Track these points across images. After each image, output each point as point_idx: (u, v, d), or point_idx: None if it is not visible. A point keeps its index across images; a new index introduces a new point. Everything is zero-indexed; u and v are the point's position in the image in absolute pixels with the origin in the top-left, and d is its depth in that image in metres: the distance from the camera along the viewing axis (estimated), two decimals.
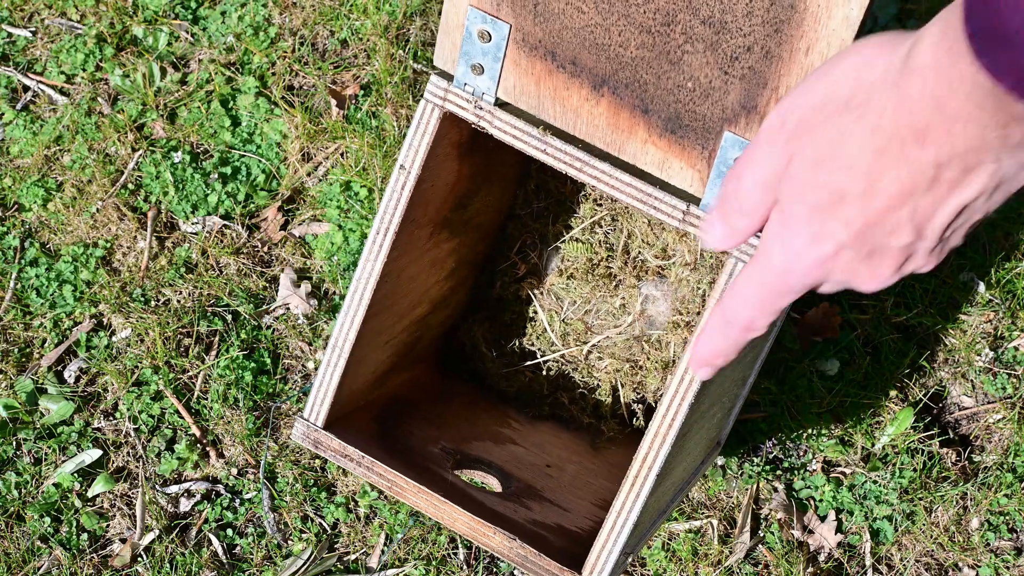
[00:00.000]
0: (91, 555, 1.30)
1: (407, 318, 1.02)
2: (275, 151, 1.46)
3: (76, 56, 1.52)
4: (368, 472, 0.92)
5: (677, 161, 0.84)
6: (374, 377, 1.01)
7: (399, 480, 0.91)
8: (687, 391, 0.83)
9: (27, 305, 1.41)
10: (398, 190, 0.88)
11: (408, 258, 0.94)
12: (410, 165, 0.87)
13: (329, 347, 0.92)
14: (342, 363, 0.92)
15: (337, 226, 1.42)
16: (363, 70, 1.48)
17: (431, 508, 0.91)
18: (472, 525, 0.90)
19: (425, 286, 1.03)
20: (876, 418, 1.32)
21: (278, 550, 1.30)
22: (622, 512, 0.87)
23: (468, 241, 1.07)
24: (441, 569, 1.28)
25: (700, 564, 1.28)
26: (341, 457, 0.93)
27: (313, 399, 0.93)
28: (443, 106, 0.86)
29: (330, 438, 0.93)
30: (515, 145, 0.85)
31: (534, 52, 0.84)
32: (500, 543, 0.90)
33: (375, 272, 0.89)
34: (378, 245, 0.89)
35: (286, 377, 1.37)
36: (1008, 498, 1.29)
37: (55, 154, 1.48)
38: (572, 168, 0.84)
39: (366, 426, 0.99)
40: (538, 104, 0.86)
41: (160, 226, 1.44)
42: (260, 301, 1.40)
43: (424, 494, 0.91)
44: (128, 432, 1.35)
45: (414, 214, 0.90)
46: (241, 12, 1.52)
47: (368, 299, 0.90)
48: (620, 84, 0.83)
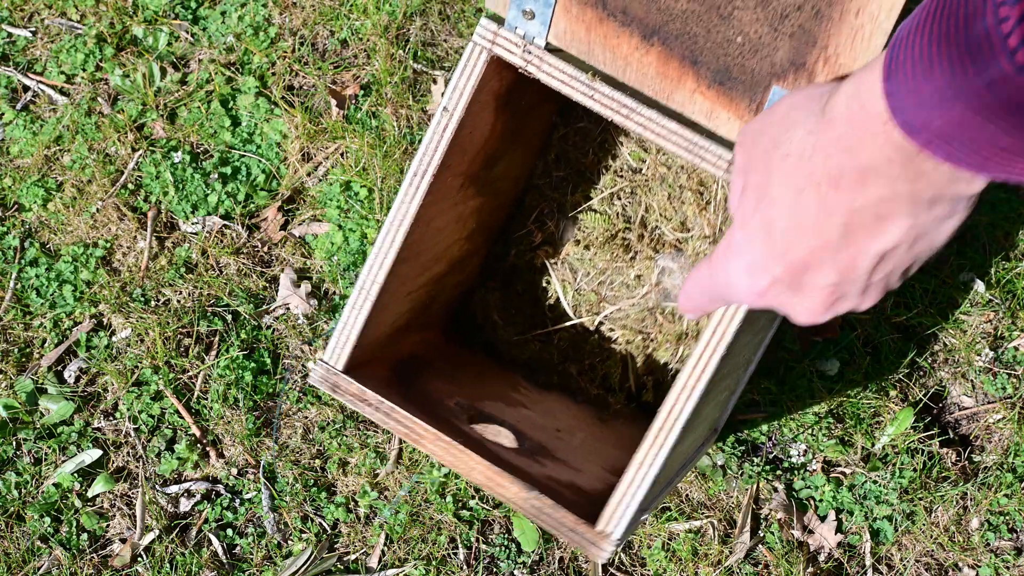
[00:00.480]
0: (91, 555, 1.30)
1: (428, 273, 1.01)
2: (275, 151, 1.46)
3: (76, 56, 1.52)
4: (386, 418, 0.91)
5: (724, 112, 0.84)
6: (392, 330, 1.00)
7: (417, 427, 0.90)
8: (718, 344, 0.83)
9: (27, 305, 1.41)
10: (439, 132, 0.87)
11: (438, 208, 0.93)
12: (453, 107, 0.86)
13: (356, 289, 0.90)
14: (368, 305, 0.90)
15: (337, 226, 1.42)
16: (363, 70, 1.48)
17: (448, 456, 0.90)
18: (488, 475, 0.89)
19: (448, 242, 1.02)
20: (876, 418, 1.32)
21: (278, 550, 1.30)
22: (643, 466, 0.85)
23: (489, 204, 1.07)
24: (441, 569, 1.28)
25: (700, 564, 1.28)
26: (359, 402, 0.91)
27: (335, 342, 0.92)
28: (491, 49, 0.85)
29: (349, 382, 0.91)
30: (562, 90, 0.85)
31: (585, 0, 0.84)
32: (516, 493, 0.89)
33: (410, 214, 0.88)
34: (415, 187, 0.88)
35: (286, 377, 1.37)
36: (1008, 498, 1.29)
37: (55, 154, 1.48)
38: (619, 115, 0.84)
39: (383, 376, 0.97)
40: (588, 51, 0.85)
41: (160, 226, 1.44)
42: (260, 301, 1.40)
43: (442, 441, 0.90)
44: (128, 432, 1.35)
45: (451, 160, 0.89)
46: (241, 12, 1.52)
47: (400, 242, 0.89)
48: (670, 35, 0.83)
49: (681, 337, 1.13)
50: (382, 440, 1.34)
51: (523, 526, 1.28)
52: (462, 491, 1.30)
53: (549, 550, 1.29)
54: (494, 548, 1.29)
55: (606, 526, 0.87)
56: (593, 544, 0.87)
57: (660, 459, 0.85)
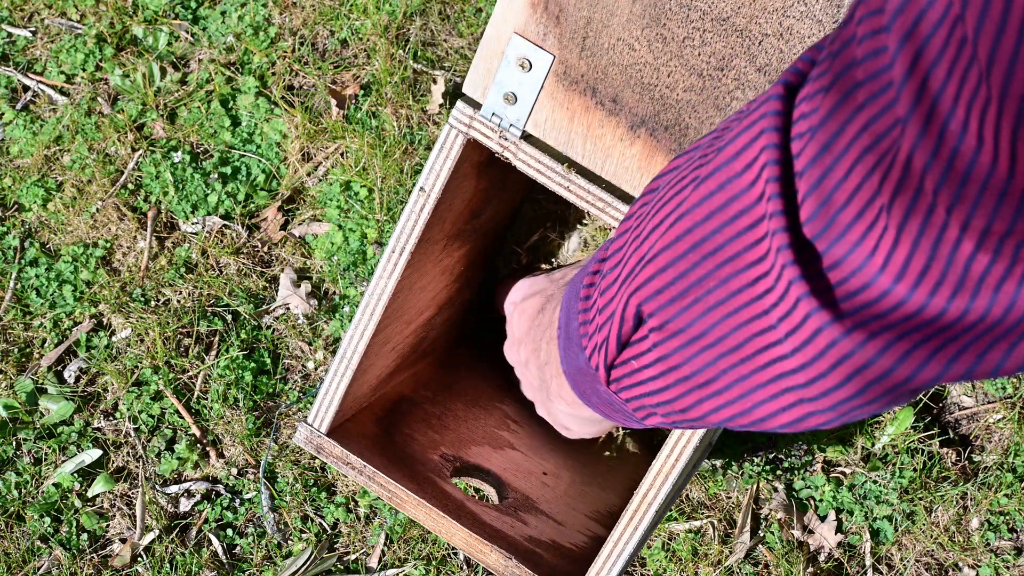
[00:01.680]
0: (91, 555, 1.30)
1: (414, 323, 1.03)
2: (275, 151, 1.46)
3: (76, 56, 1.52)
4: (369, 481, 0.93)
5: None
6: (378, 381, 1.01)
7: (399, 492, 0.93)
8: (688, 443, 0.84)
9: (27, 305, 1.41)
10: (416, 211, 0.87)
11: (420, 272, 0.94)
12: (430, 188, 0.87)
13: (337, 358, 0.92)
14: (349, 374, 0.93)
15: (337, 226, 1.42)
16: (363, 70, 1.48)
17: (429, 521, 0.93)
18: (469, 541, 0.92)
19: (434, 292, 1.03)
20: (876, 418, 1.32)
21: (278, 550, 1.30)
22: (619, 543, 0.87)
23: (478, 245, 1.07)
24: (441, 569, 1.28)
25: (700, 564, 1.28)
26: (343, 464, 0.94)
27: (318, 406, 0.94)
28: (468, 133, 0.85)
29: (332, 445, 0.94)
30: (537, 179, 0.85)
31: (574, 86, 0.83)
32: (496, 560, 0.91)
33: (388, 289, 0.89)
34: (392, 263, 0.89)
35: (286, 377, 1.37)
36: (1008, 498, 1.29)
37: (55, 154, 1.48)
38: (594, 208, 0.84)
39: (368, 429, 0.99)
40: (568, 140, 0.85)
41: (160, 226, 1.44)
42: (260, 301, 1.40)
43: (423, 507, 0.92)
44: (128, 432, 1.35)
45: (431, 233, 0.90)
46: (241, 12, 1.52)
47: (380, 314, 0.90)
48: (659, 126, 0.82)
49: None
50: None
51: None
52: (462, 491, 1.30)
53: None
54: None
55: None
56: None
57: (635, 539, 0.88)
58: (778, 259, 0.38)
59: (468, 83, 0.85)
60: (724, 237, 0.40)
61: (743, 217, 0.39)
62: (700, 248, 0.41)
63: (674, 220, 0.43)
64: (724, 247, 0.40)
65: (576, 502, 1.08)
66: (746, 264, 0.40)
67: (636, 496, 0.86)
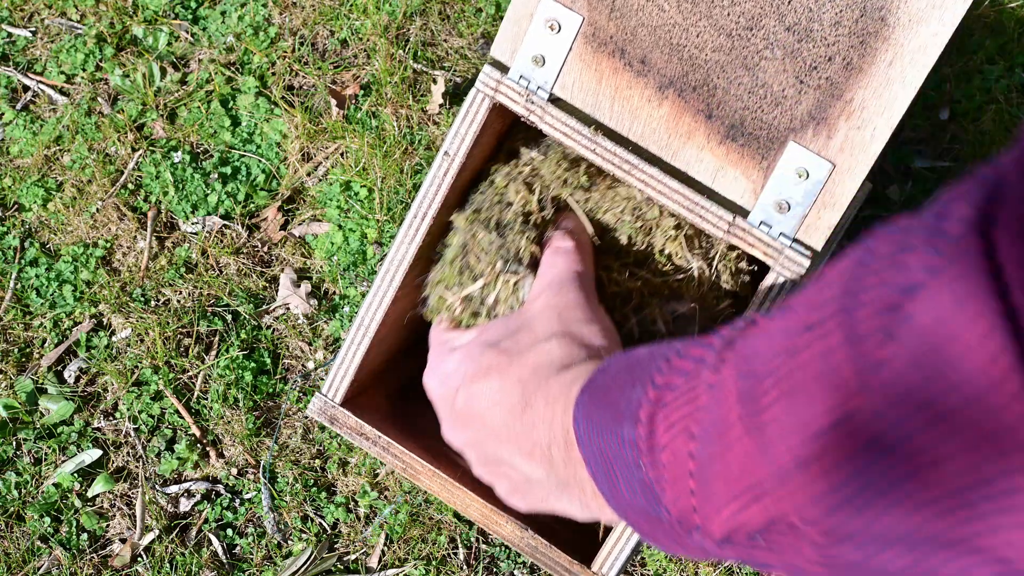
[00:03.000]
0: (91, 555, 1.30)
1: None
2: (275, 151, 1.46)
3: (76, 56, 1.52)
4: (383, 452, 0.92)
5: (732, 170, 0.83)
6: (390, 356, 1.01)
7: (414, 463, 0.91)
8: None
9: (27, 305, 1.41)
10: (440, 176, 0.87)
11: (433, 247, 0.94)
12: (455, 152, 0.87)
13: (354, 325, 0.91)
14: (366, 342, 0.92)
15: (337, 226, 1.42)
16: (363, 70, 1.48)
17: (444, 492, 0.91)
18: (484, 512, 0.90)
19: None
20: None
21: (278, 550, 1.30)
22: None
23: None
24: (441, 569, 1.28)
25: (700, 564, 1.28)
26: (357, 435, 0.93)
27: (333, 375, 0.93)
28: (494, 97, 0.85)
29: (347, 415, 0.93)
30: (564, 142, 0.85)
31: (602, 48, 0.83)
32: (511, 532, 0.90)
33: (408, 256, 0.89)
34: (414, 229, 0.89)
35: (286, 377, 1.37)
36: None
37: (55, 154, 1.48)
38: (620, 170, 0.84)
39: (380, 404, 0.99)
40: (595, 102, 0.85)
41: (160, 226, 1.44)
42: (260, 301, 1.40)
43: (439, 478, 0.91)
44: (128, 432, 1.35)
45: (451, 200, 0.90)
46: (241, 12, 1.52)
47: (399, 282, 0.90)
48: (688, 87, 0.82)
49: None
50: None
51: None
52: None
53: None
54: (494, 548, 1.29)
55: (600, 567, 0.89)
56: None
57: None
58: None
59: (496, 46, 0.85)
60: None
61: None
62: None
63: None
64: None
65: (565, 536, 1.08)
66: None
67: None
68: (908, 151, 1.35)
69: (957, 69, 1.37)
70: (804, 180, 0.80)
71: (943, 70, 1.36)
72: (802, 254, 0.81)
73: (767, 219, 0.82)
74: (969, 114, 1.35)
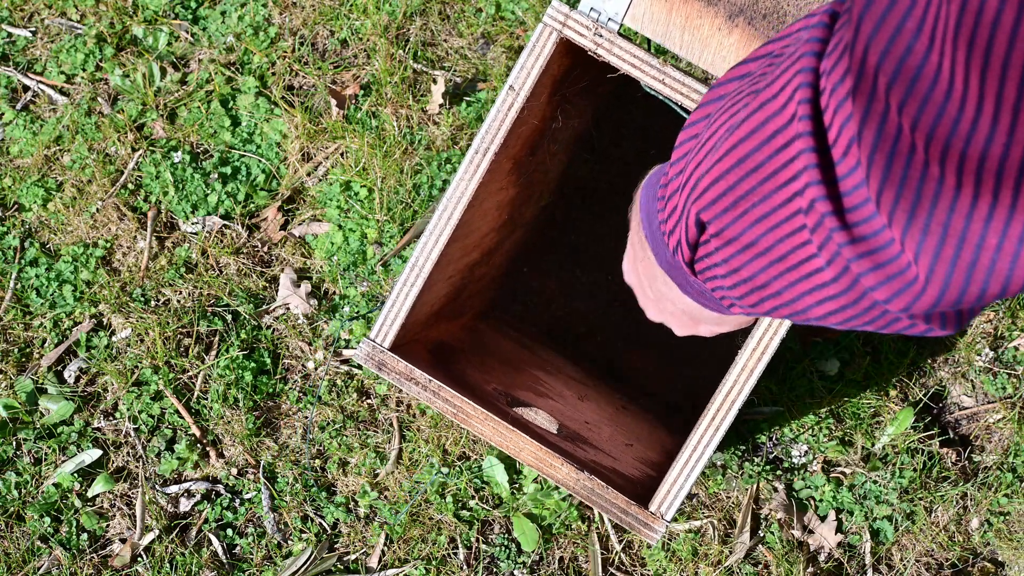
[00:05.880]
0: (91, 555, 1.30)
1: (466, 258, 1.02)
2: (275, 151, 1.46)
3: (76, 56, 1.52)
4: (434, 397, 0.91)
5: None
6: (430, 312, 1.00)
7: (466, 406, 0.90)
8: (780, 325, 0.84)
9: (27, 305, 1.41)
10: (504, 110, 0.88)
11: (489, 189, 0.94)
12: (520, 86, 0.87)
13: (408, 267, 0.90)
14: (420, 283, 0.91)
15: (337, 226, 1.42)
16: (363, 70, 1.48)
17: (497, 436, 0.91)
18: (539, 455, 0.90)
19: (486, 228, 1.03)
20: (876, 418, 1.32)
21: (278, 550, 1.30)
22: (698, 448, 0.86)
23: (521, 196, 1.07)
24: (441, 569, 1.28)
25: (700, 564, 1.28)
26: (406, 380, 0.91)
27: (383, 320, 0.92)
28: (561, 31, 0.85)
29: (396, 360, 0.91)
30: (631, 73, 0.85)
31: None
32: (567, 474, 0.90)
33: (468, 193, 0.89)
34: (475, 164, 0.89)
35: (286, 377, 1.37)
36: (1008, 498, 1.29)
37: (55, 154, 1.48)
38: (688, 99, 0.84)
39: (423, 356, 0.98)
40: (665, 32, 0.85)
41: (160, 226, 1.44)
42: (260, 301, 1.40)
43: (491, 421, 0.90)
44: (128, 432, 1.35)
45: (510, 140, 0.90)
46: (241, 12, 1.52)
47: (457, 219, 0.89)
48: (758, 14, 0.82)
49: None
50: (382, 440, 1.34)
51: (523, 526, 1.28)
52: (462, 491, 1.30)
53: (549, 550, 1.29)
54: (494, 548, 1.29)
55: (659, 507, 0.88)
56: (645, 525, 0.89)
57: (715, 442, 0.86)
58: (803, 176, 0.41)
59: None
60: (763, 155, 0.43)
61: (778, 136, 0.42)
62: (744, 164, 0.44)
63: (724, 134, 0.46)
64: (764, 164, 0.44)
65: (621, 450, 1.08)
66: (783, 181, 0.43)
67: (718, 395, 0.85)
68: None
69: None
70: None
71: None
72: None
73: None
74: None
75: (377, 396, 1.35)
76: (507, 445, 0.90)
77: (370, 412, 1.35)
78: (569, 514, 1.29)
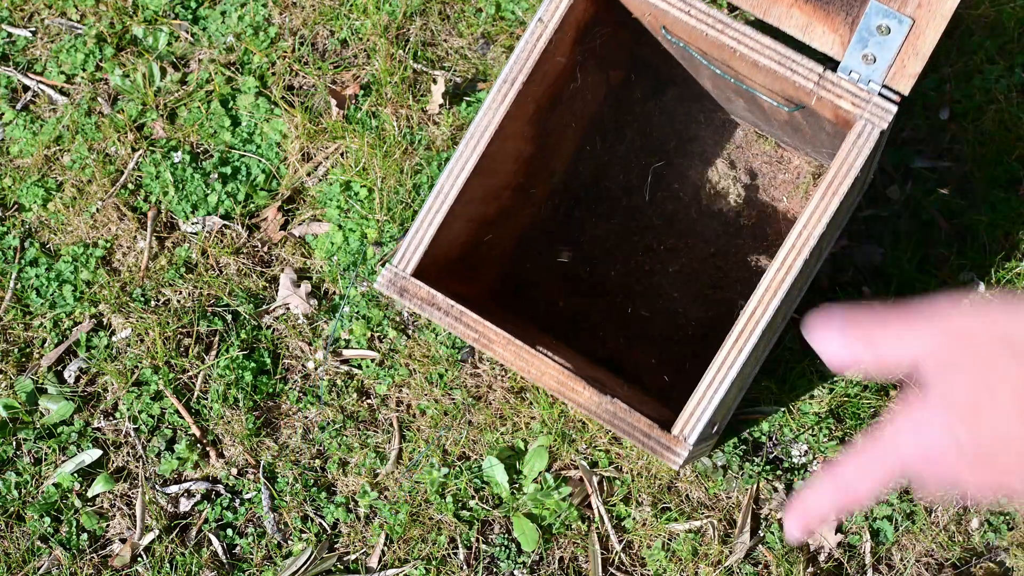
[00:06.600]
0: (91, 555, 1.30)
1: (484, 207, 1.01)
2: (275, 151, 1.46)
3: (76, 56, 1.52)
4: (455, 322, 0.90)
5: (820, 26, 0.85)
6: (446, 259, 1.00)
7: (488, 331, 0.90)
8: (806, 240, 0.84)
9: (27, 305, 1.41)
10: (532, 41, 0.89)
11: (511, 129, 0.94)
12: (548, 18, 0.88)
13: (433, 194, 0.90)
14: (444, 209, 0.90)
15: (337, 226, 1.42)
16: (363, 70, 1.48)
17: (519, 361, 0.89)
18: (561, 379, 0.89)
19: (505, 179, 1.03)
20: (876, 418, 1.32)
21: (278, 550, 1.30)
22: (723, 367, 0.85)
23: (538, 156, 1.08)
24: (441, 569, 1.28)
25: (700, 564, 1.28)
26: (428, 306, 0.91)
27: (405, 246, 0.91)
28: None
29: (418, 285, 0.91)
30: (659, 6, 0.86)
31: None
32: (588, 399, 0.88)
33: (495, 122, 0.90)
34: (503, 94, 0.90)
35: (286, 377, 1.37)
36: (1008, 498, 1.29)
37: (55, 154, 1.48)
38: (714, 29, 0.86)
39: (449, 283, 0.97)
40: None
41: (160, 226, 1.44)
42: (260, 301, 1.40)
43: (513, 346, 0.89)
44: (128, 432, 1.35)
45: (535, 76, 0.90)
46: (241, 12, 1.52)
47: (482, 149, 0.90)
48: None
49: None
50: (382, 440, 1.34)
51: (523, 526, 1.28)
52: (462, 491, 1.30)
53: (549, 550, 1.29)
54: (494, 548, 1.29)
55: (681, 430, 0.86)
56: (667, 449, 0.87)
57: (739, 363, 0.85)
58: None
59: None
60: None
61: None
62: None
63: None
64: None
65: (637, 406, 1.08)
66: None
67: (743, 316, 0.84)
68: (908, 151, 1.35)
69: (957, 69, 1.37)
70: (887, 36, 0.83)
71: (943, 70, 1.36)
72: (890, 100, 0.84)
73: (856, 68, 0.85)
74: (969, 114, 1.35)
75: (377, 396, 1.35)
76: (528, 370, 0.89)
77: (370, 412, 1.35)
78: (569, 514, 1.29)
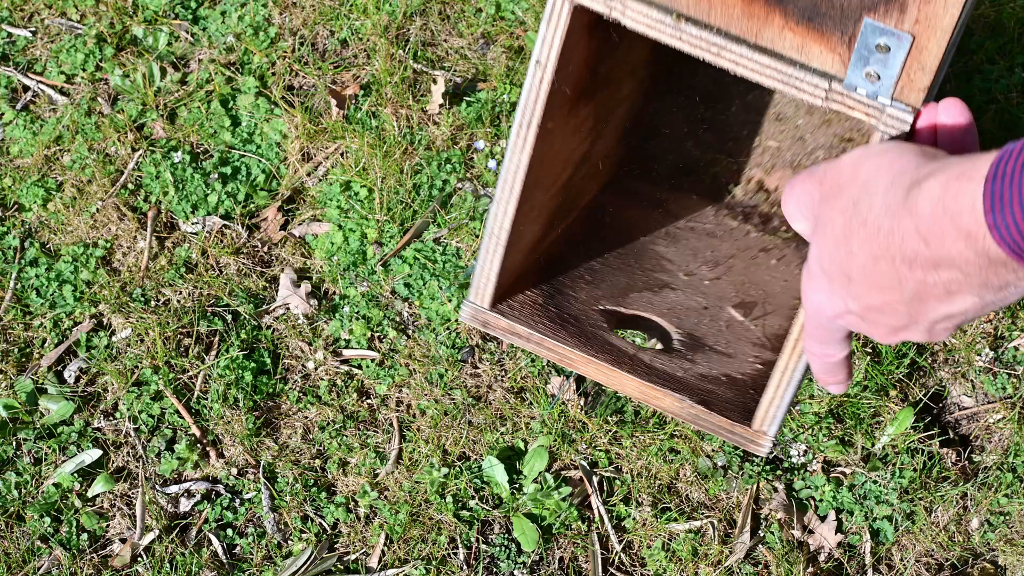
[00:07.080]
0: (91, 555, 1.30)
1: (553, 187, 1.04)
2: (275, 151, 1.46)
3: (76, 56, 1.52)
4: (538, 348, 0.96)
5: (816, 46, 0.84)
6: (529, 248, 1.03)
7: (568, 353, 0.95)
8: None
9: (27, 305, 1.41)
10: (535, 86, 0.89)
11: (550, 141, 0.96)
12: (545, 59, 0.88)
13: (485, 236, 0.94)
14: (501, 249, 0.94)
15: (337, 226, 1.42)
16: (363, 70, 1.48)
17: (601, 375, 0.94)
18: (643, 389, 0.94)
19: (567, 153, 1.04)
20: (876, 418, 1.32)
21: (278, 550, 1.30)
22: (787, 369, 0.88)
23: (603, 98, 1.08)
24: (441, 569, 1.28)
25: (700, 564, 1.28)
26: (510, 335, 0.96)
27: (477, 282, 0.96)
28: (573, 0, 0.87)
29: (497, 318, 0.96)
30: (648, 34, 0.86)
31: None
32: (671, 404, 0.93)
33: (523, 163, 0.91)
34: (522, 139, 0.91)
35: (286, 377, 1.37)
36: (1008, 498, 1.29)
37: (55, 154, 1.48)
38: (708, 53, 0.85)
39: (528, 297, 1.02)
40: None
41: (160, 226, 1.44)
42: (260, 301, 1.40)
43: (594, 363, 0.94)
44: (128, 432, 1.35)
45: (554, 101, 0.91)
46: (241, 12, 1.52)
47: (519, 189, 0.92)
48: None
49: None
50: (382, 440, 1.34)
51: (523, 526, 1.28)
52: (462, 491, 1.30)
53: (549, 550, 1.29)
54: (494, 548, 1.29)
55: (761, 424, 0.91)
56: (751, 441, 0.92)
57: (804, 360, 0.87)
58: None
59: None
60: None
61: None
62: None
63: None
64: None
65: (741, 330, 1.09)
66: None
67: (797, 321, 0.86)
68: None
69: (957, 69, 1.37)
70: (887, 54, 0.81)
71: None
72: (904, 110, 0.82)
73: (861, 85, 0.83)
74: None
75: (377, 396, 1.35)
76: (611, 383, 0.95)
77: (370, 412, 1.35)
78: (569, 514, 1.29)
